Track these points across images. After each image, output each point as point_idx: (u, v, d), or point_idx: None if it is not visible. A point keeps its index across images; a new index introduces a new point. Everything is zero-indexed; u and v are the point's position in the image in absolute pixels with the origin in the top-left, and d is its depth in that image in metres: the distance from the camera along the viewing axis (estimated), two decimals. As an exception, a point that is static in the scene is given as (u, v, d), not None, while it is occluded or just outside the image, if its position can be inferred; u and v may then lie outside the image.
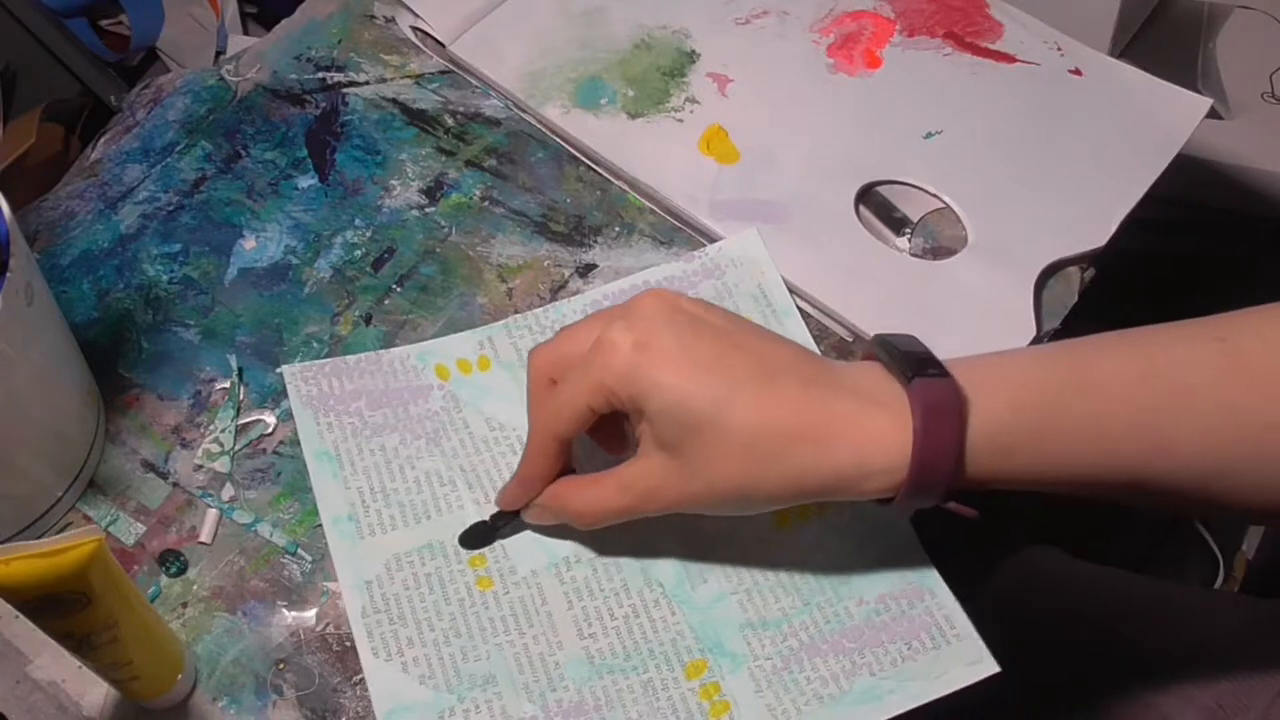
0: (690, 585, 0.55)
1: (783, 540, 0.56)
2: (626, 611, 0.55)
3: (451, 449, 0.59)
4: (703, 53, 0.73)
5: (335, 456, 0.59)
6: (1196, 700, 0.64)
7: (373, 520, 0.57)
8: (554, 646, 0.54)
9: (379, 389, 0.61)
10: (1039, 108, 0.71)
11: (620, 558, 0.56)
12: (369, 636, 0.54)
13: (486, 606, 0.55)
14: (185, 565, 0.57)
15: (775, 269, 0.64)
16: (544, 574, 0.56)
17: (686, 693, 0.53)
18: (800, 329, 0.63)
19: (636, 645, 0.54)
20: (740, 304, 0.63)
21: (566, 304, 0.64)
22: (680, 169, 0.68)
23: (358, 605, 0.55)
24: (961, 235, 0.67)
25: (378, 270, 0.66)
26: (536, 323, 0.63)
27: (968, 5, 0.75)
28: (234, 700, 0.54)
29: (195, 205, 0.68)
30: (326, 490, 0.58)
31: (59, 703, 0.54)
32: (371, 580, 0.55)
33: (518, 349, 0.62)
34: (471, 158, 0.70)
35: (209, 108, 0.72)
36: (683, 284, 0.64)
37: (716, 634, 0.54)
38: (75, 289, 0.65)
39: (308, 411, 0.60)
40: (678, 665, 0.53)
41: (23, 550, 0.42)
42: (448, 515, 0.57)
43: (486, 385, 0.61)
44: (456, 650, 0.54)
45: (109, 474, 0.59)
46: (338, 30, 0.75)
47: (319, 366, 0.61)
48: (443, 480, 0.58)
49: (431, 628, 0.54)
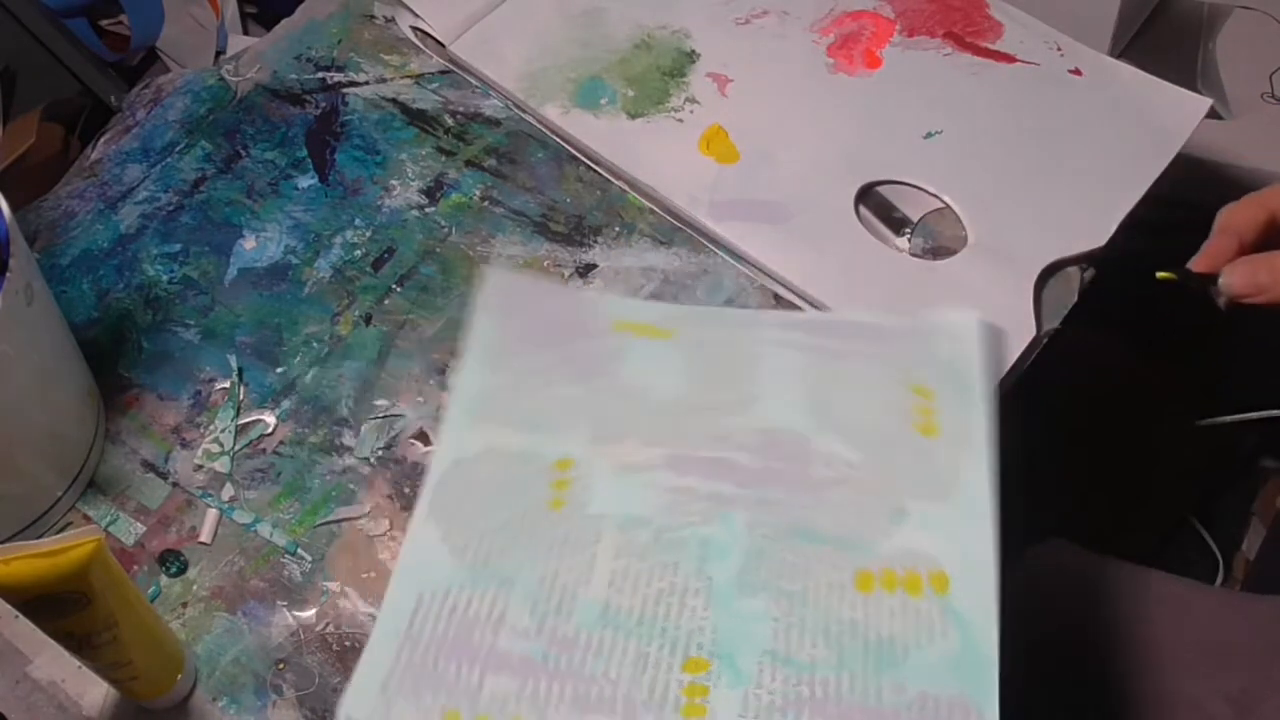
0: (738, 593, 0.55)
1: (856, 600, 0.54)
2: (663, 587, 0.55)
3: (591, 389, 0.61)
4: (703, 53, 0.73)
5: (492, 354, 0.61)
6: (1223, 687, 0.65)
7: (493, 409, 0.60)
8: (580, 583, 0.55)
9: (559, 316, 0.63)
10: (1039, 108, 0.71)
11: (687, 541, 0.56)
12: (432, 501, 0.57)
13: (545, 523, 0.57)
14: (185, 565, 0.57)
15: (978, 349, 0.60)
16: (610, 521, 0.57)
17: (673, 681, 0.52)
18: (982, 424, 0.59)
19: (655, 618, 0.54)
20: (927, 368, 0.60)
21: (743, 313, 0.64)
22: (680, 169, 0.68)
23: (438, 472, 0.57)
24: (961, 235, 0.67)
25: (378, 270, 0.66)
26: (722, 319, 0.63)
27: (968, 5, 0.75)
28: (234, 700, 0.54)
29: (195, 205, 0.68)
30: (471, 365, 0.61)
31: (59, 703, 0.54)
32: (462, 459, 0.58)
33: (702, 338, 0.62)
34: (471, 158, 0.70)
35: (209, 108, 0.72)
36: (878, 338, 0.61)
37: (735, 646, 0.53)
38: (75, 289, 0.65)
39: (494, 300, 0.63)
40: (681, 653, 0.53)
41: (23, 550, 0.42)
42: (554, 437, 0.59)
43: (655, 354, 0.62)
44: (496, 545, 0.56)
45: (109, 474, 0.59)
46: (338, 30, 0.75)
47: (513, 278, 0.64)
48: (568, 409, 0.60)
49: (488, 518, 0.56)
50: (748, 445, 0.58)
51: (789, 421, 0.59)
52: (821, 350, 0.61)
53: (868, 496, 0.56)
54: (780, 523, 0.56)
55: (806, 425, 0.58)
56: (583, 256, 0.66)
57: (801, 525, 0.56)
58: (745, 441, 0.58)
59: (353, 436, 0.61)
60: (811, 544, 0.55)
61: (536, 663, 0.53)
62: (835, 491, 0.56)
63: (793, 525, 0.56)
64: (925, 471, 0.56)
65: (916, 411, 0.58)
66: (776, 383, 0.60)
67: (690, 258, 0.66)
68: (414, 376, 0.62)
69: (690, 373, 0.60)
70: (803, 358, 0.61)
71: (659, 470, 0.58)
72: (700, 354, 0.61)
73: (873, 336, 0.61)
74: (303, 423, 0.61)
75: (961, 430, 0.57)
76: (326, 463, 0.60)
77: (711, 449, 0.58)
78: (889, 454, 0.57)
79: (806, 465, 0.57)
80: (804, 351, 0.61)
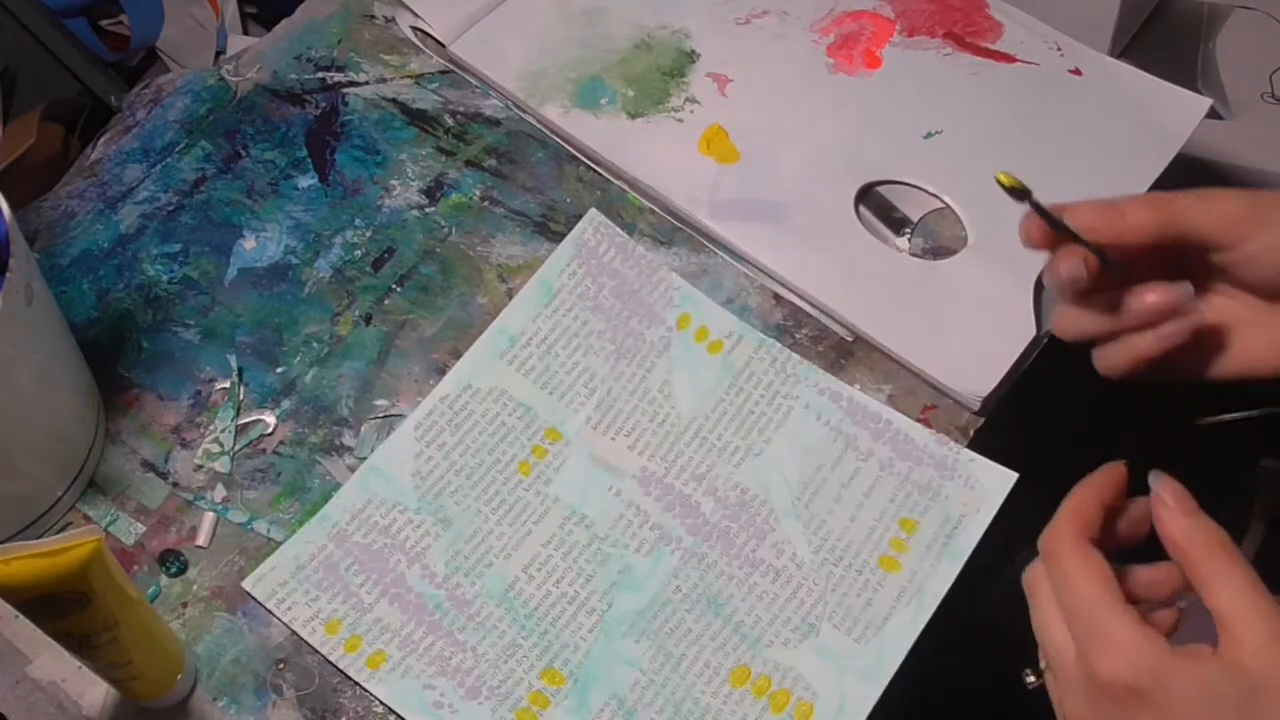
0: (627, 630, 0.56)
1: (721, 690, 0.54)
2: (568, 592, 0.56)
3: (620, 371, 0.62)
4: (703, 53, 0.73)
5: (552, 294, 0.63)
6: None
7: (519, 355, 0.62)
8: (503, 556, 0.57)
9: (632, 290, 0.64)
10: (1039, 108, 0.71)
11: (612, 560, 0.57)
12: (424, 418, 0.60)
13: (505, 482, 0.59)
14: (185, 565, 0.57)
15: (988, 517, 0.59)
16: (560, 507, 0.58)
17: (525, 682, 0.54)
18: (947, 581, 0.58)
19: (544, 618, 0.56)
20: (929, 510, 0.59)
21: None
22: (680, 169, 0.68)
23: (444, 391, 0.60)
24: (961, 235, 0.67)
25: (378, 270, 0.66)
26: (774, 357, 0.62)
27: (968, 5, 0.75)
28: (234, 700, 0.54)
29: (195, 205, 0.68)
30: (523, 306, 0.63)
31: (59, 703, 0.54)
32: (473, 387, 0.61)
33: (750, 368, 0.62)
34: (471, 158, 0.70)
35: (209, 108, 0.72)
36: (908, 453, 0.60)
37: (595, 677, 0.54)
38: (75, 289, 0.65)
39: (571, 249, 0.65)
40: (547, 660, 0.55)
41: (23, 550, 0.42)
42: (559, 404, 0.61)
43: (699, 362, 0.62)
44: (455, 483, 0.59)
45: (109, 474, 0.59)
46: (338, 30, 0.75)
47: (615, 231, 0.66)
48: (588, 381, 0.61)
49: (463, 454, 0.59)
50: (719, 494, 0.59)
51: (770, 491, 0.59)
52: (847, 439, 0.60)
53: (793, 600, 0.56)
54: (701, 584, 0.57)
55: (783, 502, 0.59)
56: (583, 256, 0.66)
57: (717, 596, 0.56)
58: (720, 490, 0.59)
59: (353, 436, 0.61)
60: (716, 618, 0.56)
61: (428, 609, 0.55)
62: (766, 580, 0.57)
63: (709, 591, 0.57)
64: (858, 604, 0.56)
65: (890, 543, 0.58)
66: (785, 447, 0.60)
67: (690, 258, 0.66)
68: (414, 376, 0.62)
69: (716, 396, 0.61)
70: (825, 436, 0.60)
71: (628, 479, 0.59)
72: (735, 383, 0.62)
73: (904, 448, 0.60)
74: (303, 423, 0.61)
75: (919, 581, 0.57)
76: (326, 463, 0.60)
77: (686, 483, 0.59)
78: (838, 571, 0.57)
79: (759, 542, 0.58)
80: (830, 430, 0.61)
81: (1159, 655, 0.39)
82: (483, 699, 0.53)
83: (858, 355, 0.63)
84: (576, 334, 0.63)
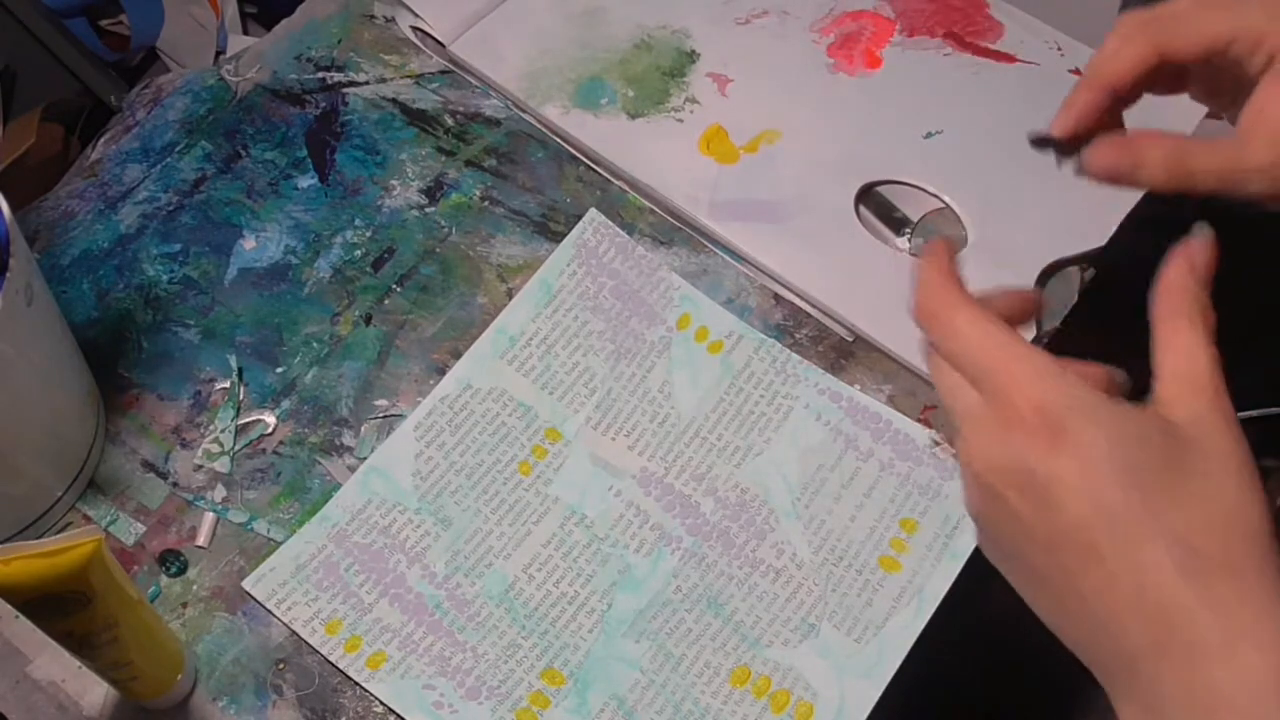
0: (627, 630, 0.56)
1: (721, 690, 0.54)
2: (568, 592, 0.56)
3: (620, 371, 0.62)
4: (703, 53, 0.73)
5: (552, 294, 0.63)
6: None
7: (519, 355, 0.62)
8: (503, 556, 0.57)
9: (632, 290, 0.64)
10: (1039, 108, 0.70)
11: (611, 560, 0.57)
12: (424, 418, 0.60)
13: (505, 482, 0.59)
14: (185, 565, 0.57)
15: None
16: (560, 506, 0.58)
17: (526, 682, 0.54)
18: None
19: (545, 618, 0.56)
20: (929, 510, 0.58)
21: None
22: (680, 169, 0.68)
23: (444, 391, 0.60)
24: (961, 235, 0.67)
25: (378, 270, 0.66)
26: (774, 357, 0.62)
27: (968, 5, 0.75)
28: (234, 700, 0.54)
29: (195, 205, 0.68)
30: (523, 306, 0.63)
31: (59, 703, 0.54)
32: (473, 387, 0.61)
33: (750, 368, 0.62)
34: (471, 158, 0.70)
35: (209, 108, 0.72)
36: (908, 453, 0.60)
37: (595, 677, 0.54)
38: (75, 289, 0.65)
39: (571, 249, 0.65)
40: (547, 660, 0.55)
41: (23, 550, 0.42)
42: (559, 404, 0.61)
43: (699, 362, 0.62)
44: (455, 483, 0.59)
45: (109, 474, 0.59)
46: (338, 30, 0.75)
47: (615, 231, 0.66)
48: (588, 381, 0.61)
49: (463, 453, 0.59)
50: (719, 495, 0.59)
51: (770, 491, 0.59)
52: (847, 439, 0.60)
53: (793, 600, 0.56)
54: (701, 584, 0.57)
55: (783, 502, 0.59)
56: (583, 256, 0.66)
57: (717, 596, 0.56)
58: (720, 490, 0.59)
59: (353, 436, 0.61)
60: (716, 618, 0.56)
61: (428, 609, 0.55)
62: (766, 580, 0.57)
63: (709, 592, 0.57)
64: (858, 604, 0.56)
65: (891, 544, 0.58)
66: (785, 447, 0.60)
67: (690, 258, 0.66)
68: (414, 376, 0.62)
69: (716, 396, 0.61)
70: (825, 436, 0.60)
71: (628, 479, 0.59)
72: (735, 383, 0.62)
73: (904, 448, 0.60)
74: (303, 423, 0.61)
75: (919, 580, 0.57)
76: (326, 463, 0.60)
77: (686, 483, 0.59)
78: (838, 571, 0.57)
79: (759, 542, 0.58)
80: (830, 431, 0.61)
81: (1078, 385, 0.33)
82: (483, 699, 0.53)
83: (858, 355, 0.63)
84: (576, 334, 0.63)
